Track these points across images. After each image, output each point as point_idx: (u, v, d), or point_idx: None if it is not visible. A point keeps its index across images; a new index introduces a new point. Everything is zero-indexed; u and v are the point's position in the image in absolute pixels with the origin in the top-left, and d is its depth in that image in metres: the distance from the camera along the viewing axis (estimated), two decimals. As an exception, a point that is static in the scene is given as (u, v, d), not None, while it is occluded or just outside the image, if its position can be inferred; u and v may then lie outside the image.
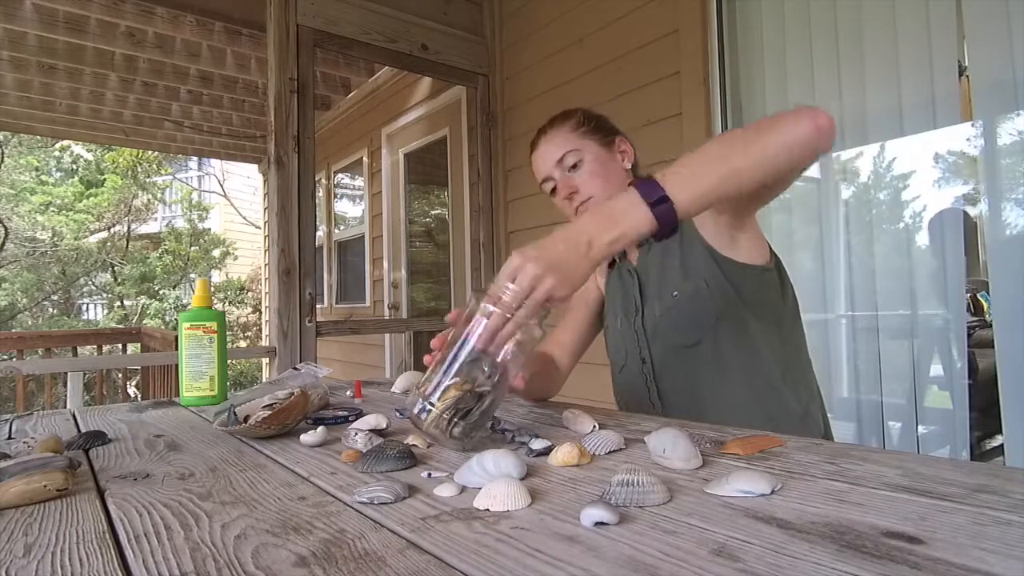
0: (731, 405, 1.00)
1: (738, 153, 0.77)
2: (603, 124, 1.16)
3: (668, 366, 1.07)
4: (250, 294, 10.87)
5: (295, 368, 1.10)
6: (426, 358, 0.76)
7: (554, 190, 1.14)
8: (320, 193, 5.18)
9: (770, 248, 1.07)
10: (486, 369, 0.71)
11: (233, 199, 12.36)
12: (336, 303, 5.14)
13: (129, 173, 10.81)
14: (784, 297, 1.07)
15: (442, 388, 0.70)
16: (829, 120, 0.79)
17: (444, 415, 0.69)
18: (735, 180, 0.76)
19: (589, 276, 0.73)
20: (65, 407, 1.92)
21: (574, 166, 1.10)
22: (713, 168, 0.76)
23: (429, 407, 0.69)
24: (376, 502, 0.52)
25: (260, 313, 9.34)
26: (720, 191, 0.76)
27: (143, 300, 10.84)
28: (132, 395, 7.01)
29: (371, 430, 0.78)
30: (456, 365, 0.70)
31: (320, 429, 0.77)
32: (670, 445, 0.60)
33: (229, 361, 1.20)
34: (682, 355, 1.05)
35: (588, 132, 1.12)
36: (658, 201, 0.71)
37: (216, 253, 11.46)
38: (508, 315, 0.69)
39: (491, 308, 0.69)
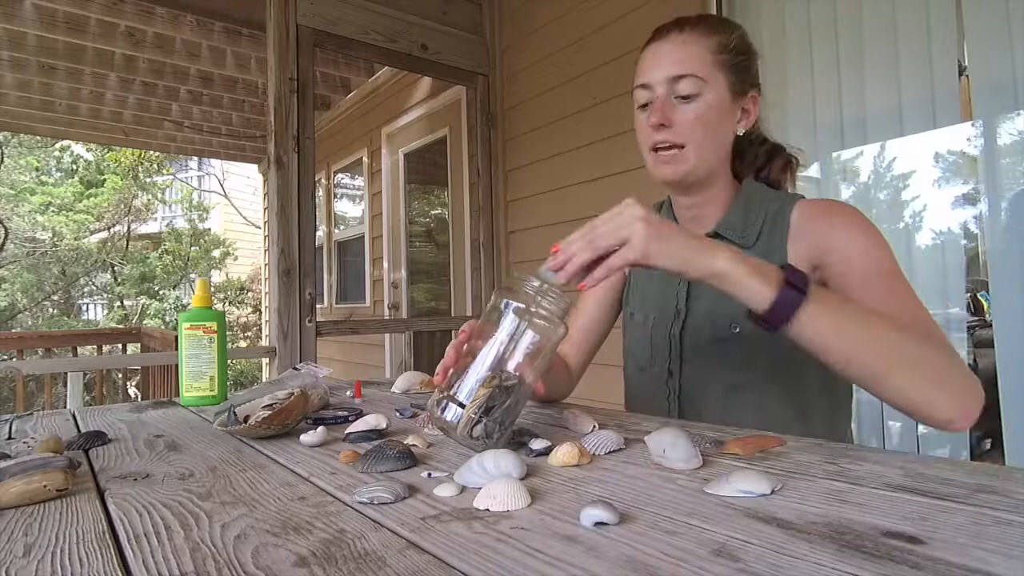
0: None
1: (875, 350, 0.68)
2: (748, 66, 0.94)
3: (701, 393, 0.94)
4: (250, 294, 10.87)
5: (295, 368, 1.10)
6: (444, 363, 0.71)
7: (645, 105, 0.93)
8: (320, 193, 5.18)
9: None
10: (511, 371, 0.67)
11: (233, 199, 12.37)
12: (336, 303, 5.14)
13: (130, 173, 10.82)
14: None
15: (471, 388, 0.67)
16: (968, 422, 0.68)
17: (474, 415, 0.66)
18: (843, 352, 0.68)
19: (676, 268, 0.67)
20: (65, 407, 1.92)
21: (686, 97, 0.89)
22: (848, 335, 0.67)
23: (458, 408, 0.66)
24: (376, 502, 0.52)
25: (260, 313, 9.34)
26: (828, 347, 0.68)
27: (143, 300, 10.84)
28: (132, 395, 7.01)
29: (371, 430, 0.78)
30: (484, 365, 0.67)
31: (320, 429, 0.77)
32: (670, 445, 0.60)
33: (229, 361, 1.20)
34: (720, 388, 0.92)
35: (728, 65, 0.91)
36: (794, 290, 0.65)
37: (216, 253, 11.47)
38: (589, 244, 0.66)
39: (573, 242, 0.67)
